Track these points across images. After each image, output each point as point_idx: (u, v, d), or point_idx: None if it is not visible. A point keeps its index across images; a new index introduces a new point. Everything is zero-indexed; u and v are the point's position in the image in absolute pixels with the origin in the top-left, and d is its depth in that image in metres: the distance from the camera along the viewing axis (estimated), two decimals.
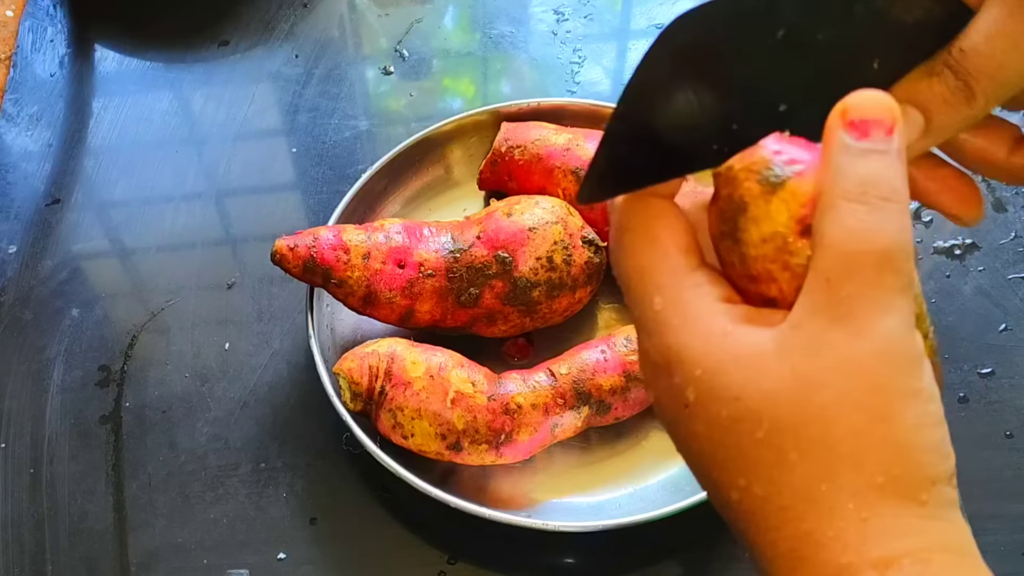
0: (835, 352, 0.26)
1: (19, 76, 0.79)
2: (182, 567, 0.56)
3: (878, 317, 0.26)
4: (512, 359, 0.62)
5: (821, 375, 0.26)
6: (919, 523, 0.25)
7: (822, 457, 0.26)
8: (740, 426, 0.27)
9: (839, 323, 0.26)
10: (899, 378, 0.26)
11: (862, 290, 0.26)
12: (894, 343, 0.26)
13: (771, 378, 0.27)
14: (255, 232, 0.71)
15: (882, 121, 0.26)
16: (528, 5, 0.86)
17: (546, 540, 0.56)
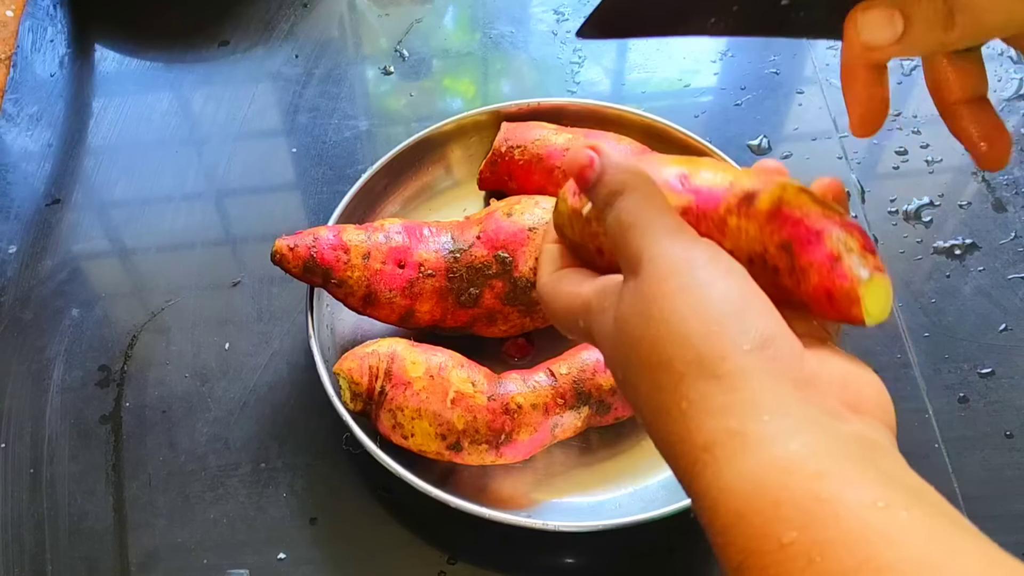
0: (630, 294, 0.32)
1: (19, 76, 0.79)
2: (182, 567, 0.56)
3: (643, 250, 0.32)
4: (512, 359, 0.62)
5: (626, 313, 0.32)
6: (725, 400, 0.28)
7: (645, 373, 0.31)
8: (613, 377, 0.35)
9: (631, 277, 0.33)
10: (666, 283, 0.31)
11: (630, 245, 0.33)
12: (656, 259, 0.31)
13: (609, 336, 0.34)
14: (255, 232, 0.71)
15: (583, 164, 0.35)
16: (528, 5, 0.86)
17: (546, 540, 0.56)
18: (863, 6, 0.32)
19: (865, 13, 0.32)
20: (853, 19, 0.32)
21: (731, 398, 0.28)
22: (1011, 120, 0.75)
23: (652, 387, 0.31)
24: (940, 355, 0.62)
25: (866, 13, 0.32)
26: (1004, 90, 0.77)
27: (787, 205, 0.33)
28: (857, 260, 0.31)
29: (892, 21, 0.31)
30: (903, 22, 0.31)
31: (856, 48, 0.32)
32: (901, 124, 0.75)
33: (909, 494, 0.26)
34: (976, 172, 0.72)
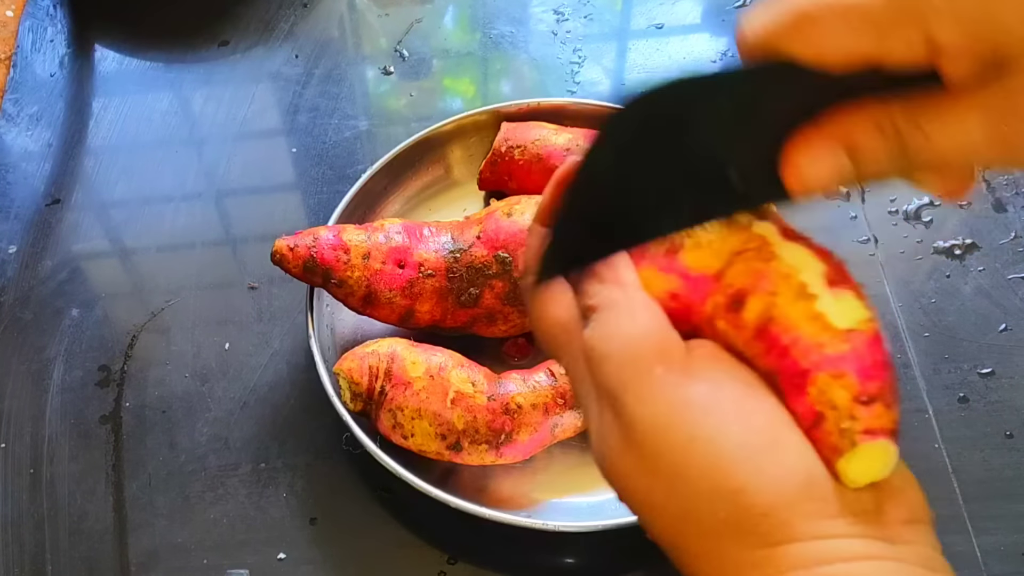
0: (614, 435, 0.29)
1: (19, 76, 0.79)
2: (182, 567, 0.56)
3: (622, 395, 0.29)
4: (512, 359, 0.62)
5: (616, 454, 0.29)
6: (768, 552, 0.26)
7: (661, 519, 0.29)
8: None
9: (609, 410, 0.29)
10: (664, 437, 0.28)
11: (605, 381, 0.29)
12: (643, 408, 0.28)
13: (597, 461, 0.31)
14: (255, 232, 0.71)
15: None
16: (528, 5, 0.86)
17: (546, 540, 0.56)
18: (802, 146, 0.27)
19: (807, 154, 0.27)
20: (793, 164, 0.28)
21: (773, 551, 0.26)
22: None
23: (675, 532, 0.28)
24: (940, 355, 0.62)
25: (808, 153, 0.27)
26: None
27: (775, 323, 0.29)
28: (843, 424, 0.27)
29: (839, 161, 0.27)
30: (850, 160, 0.27)
31: (799, 192, 0.28)
32: None
33: None
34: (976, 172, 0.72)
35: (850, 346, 0.28)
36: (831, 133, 0.27)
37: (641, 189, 0.30)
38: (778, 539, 0.26)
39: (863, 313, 0.29)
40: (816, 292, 0.29)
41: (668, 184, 0.30)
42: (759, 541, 0.26)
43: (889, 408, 0.27)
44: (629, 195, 0.30)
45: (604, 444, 0.30)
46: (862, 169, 0.27)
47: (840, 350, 0.28)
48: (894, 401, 0.28)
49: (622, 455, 0.29)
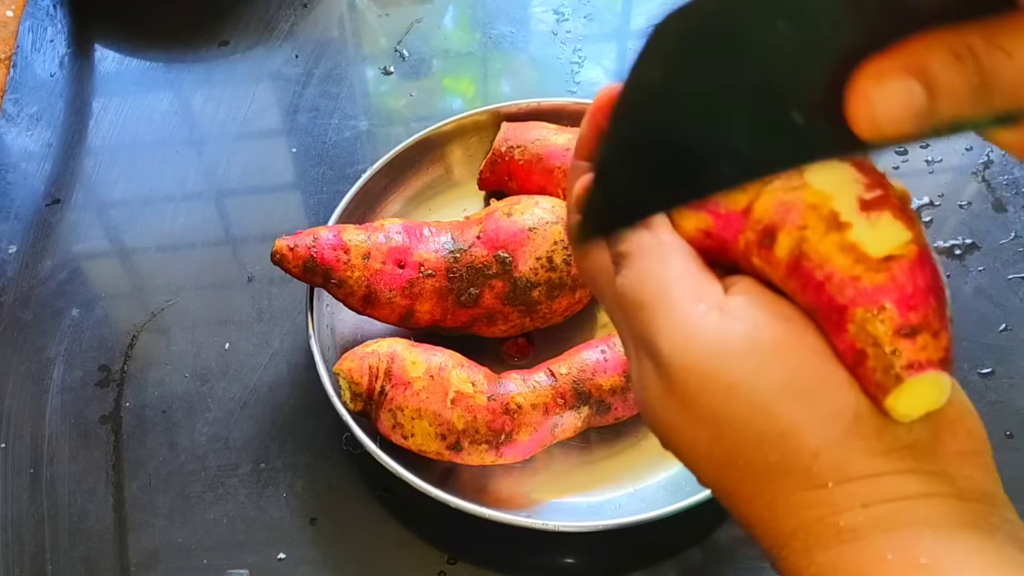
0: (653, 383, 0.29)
1: (19, 76, 0.79)
2: (182, 567, 0.56)
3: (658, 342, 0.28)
4: (512, 359, 0.62)
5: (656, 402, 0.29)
6: (820, 492, 0.26)
7: (708, 466, 0.28)
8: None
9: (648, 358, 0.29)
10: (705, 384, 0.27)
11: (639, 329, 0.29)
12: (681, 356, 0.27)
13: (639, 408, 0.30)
14: (255, 232, 0.71)
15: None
16: (528, 5, 0.86)
17: (546, 540, 0.56)
18: (869, 72, 0.24)
19: (878, 83, 0.24)
20: (861, 92, 0.24)
21: (826, 491, 0.25)
22: None
23: (723, 477, 0.28)
24: None
25: (879, 83, 0.24)
26: None
27: (807, 259, 0.27)
28: (885, 360, 0.26)
29: (912, 94, 0.24)
30: (924, 93, 0.23)
31: (865, 130, 0.24)
32: None
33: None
34: (976, 172, 0.72)
35: (888, 275, 0.26)
36: (904, 62, 0.23)
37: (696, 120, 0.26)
38: (830, 479, 0.25)
39: (902, 236, 0.26)
40: (848, 220, 0.27)
41: (724, 120, 0.26)
42: (811, 482, 0.26)
43: (936, 337, 0.26)
44: (679, 130, 0.27)
45: (645, 393, 0.29)
46: (939, 103, 0.24)
47: (877, 281, 0.26)
48: (942, 327, 0.26)
49: (664, 404, 0.28)
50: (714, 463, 0.28)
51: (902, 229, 0.27)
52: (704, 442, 0.27)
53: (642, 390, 0.29)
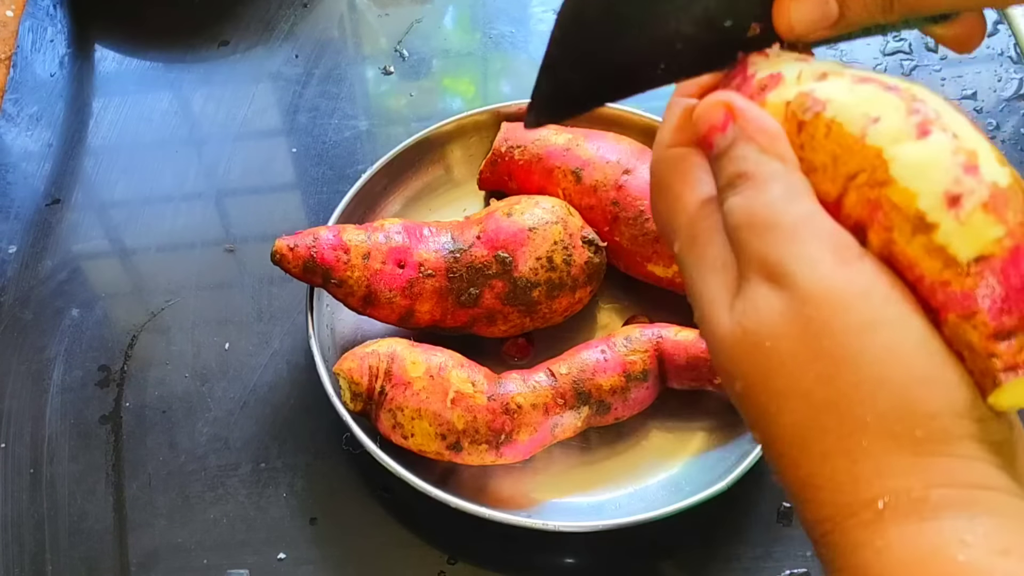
0: (771, 308, 0.27)
1: (19, 76, 0.79)
2: (182, 567, 0.56)
3: (794, 266, 0.27)
4: (512, 359, 0.62)
5: (767, 329, 0.27)
6: (914, 460, 0.25)
7: (801, 407, 0.26)
8: (725, 379, 0.29)
9: (766, 282, 0.27)
10: (842, 316, 0.26)
11: (770, 251, 0.27)
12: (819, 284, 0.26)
13: (728, 338, 0.28)
14: (255, 232, 0.71)
15: (714, 125, 0.30)
16: (528, 5, 0.86)
17: (546, 540, 0.56)
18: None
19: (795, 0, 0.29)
20: (783, 7, 0.29)
21: (923, 460, 0.25)
22: (1011, 120, 0.75)
23: (807, 423, 0.26)
24: None
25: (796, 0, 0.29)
26: (1004, 90, 0.77)
27: (897, 261, 0.27)
28: (981, 364, 0.25)
29: (827, 4, 0.29)
30: (838, 5, 0.28)
31: (786, 35, 0.30)
32: None
33: None
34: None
35: (978, 279, 0.25)
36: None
37: (631, 27, 0.30)
38: (932, 449, 0.25)
39: (993, 232, 0.25)
40: (935, 220, 0.26)
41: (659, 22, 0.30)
42: (912, 446, 0.25)
43: None
44: (619, 34, 0.31)
45: (747, 318, 0.28)
46: (849, 12, 0.28)
47: (966, 287, 0.25)
48: None
49: (780, 330, 0.27)
50: (810, 407, 0.26)
51: (993, 224, 0.25)
52: (810, 380, 0.26)
53: (743, 315, 0.28)
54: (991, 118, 0.75)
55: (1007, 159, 0.27)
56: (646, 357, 0.56)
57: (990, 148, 0.27)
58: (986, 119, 0.75)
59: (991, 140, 0.28)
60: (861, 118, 0.27)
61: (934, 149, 0.26)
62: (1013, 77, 0.78)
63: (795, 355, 0.26)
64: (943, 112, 0.27)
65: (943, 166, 0.26)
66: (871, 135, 0.27)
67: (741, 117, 0.29)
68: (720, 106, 0.29)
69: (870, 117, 0.27)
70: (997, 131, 0.74)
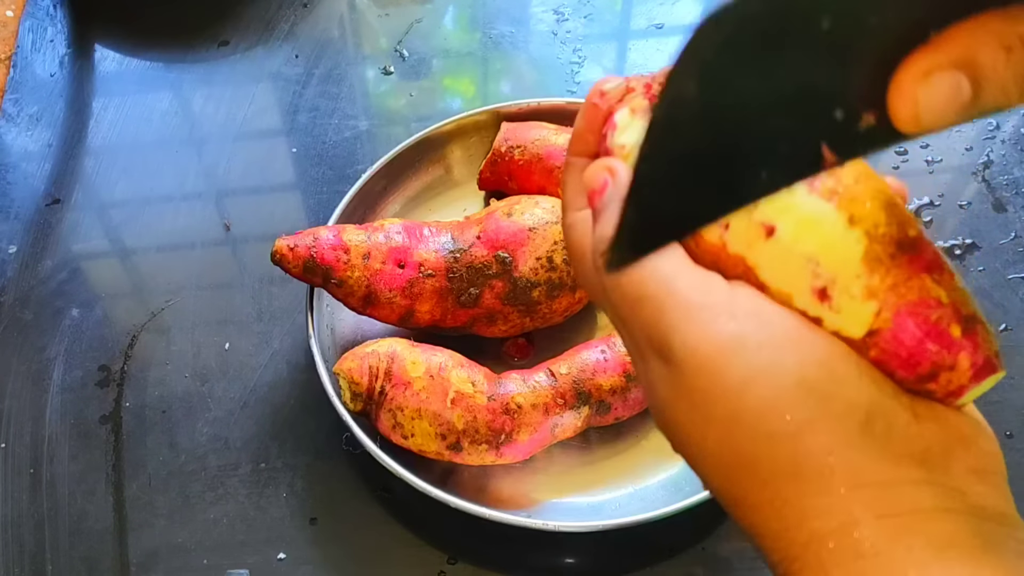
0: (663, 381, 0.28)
1: (19, 76, 0.79)
2: (182, 567, 0.56)
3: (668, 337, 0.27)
4: (512, 359, 0.62)
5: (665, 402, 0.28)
6: (832, 500, 0.25)
7: (716, 468, 0.27)
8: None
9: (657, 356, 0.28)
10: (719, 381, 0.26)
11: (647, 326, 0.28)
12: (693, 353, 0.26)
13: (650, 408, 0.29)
14: (255, 232, 0.71)
15: (594, 189, 0.29)
16: (528, 5, 0.86)
17: (546, 540, 0.56)
18: (915, 70, 0.23)
19: (926, 81, 0.23)
20: (906, 91, 0.23)
21: (838, 498, 0.24)
22: (1011, 120, 0.75)
23: (732, 482, 0.27)
24: None
25: (927, 81, 0.23)
26: None
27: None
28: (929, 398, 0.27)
29: (959, 88, 0.23)
30: (971, 88, 0.23)
31: (908, 126, 0.24)
32: None
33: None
34: (976, 172, 0.72)
35: (878, 350, 0.27)
36: (950, 55, 0.23)
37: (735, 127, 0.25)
38: (843, 483, 0.24)
39: (868, 311, 0.26)
40: (817, 315, 0.27)
41: (763, 122, 0.25)
42: (823, 486, 0.25)
43: (954, 367, 0.26)
44: (718, 137, 0.26)
45: (653, 391, 0.28)
46: (985, 95, 0.23)
47: (872, 356, 0.27)
48: (959, 348, 0.26)
49: (674, 402, 0.27)
50: (723, 465, 0.26)
51: (863, 304, 0.27)
52: (714, 443, 0.26)
53: (650, 389, 0.28)
54: (991, 118, 0.75)
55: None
56: None
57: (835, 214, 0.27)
58: (986, 119, 0.75)
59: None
60: (715, 226, 0.28)
61: (783, 247, 0.27)
62: None
63: (693, 423, 0.27)
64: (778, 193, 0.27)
65: (799, 264, 0.27)
66: (730, 243, 0.28)
67: (617, 179, 0.29)
68: (602, 168, 0.29)
69: (721, 224, 0.28)
70: (997, 131, 0.74)
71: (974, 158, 0.73)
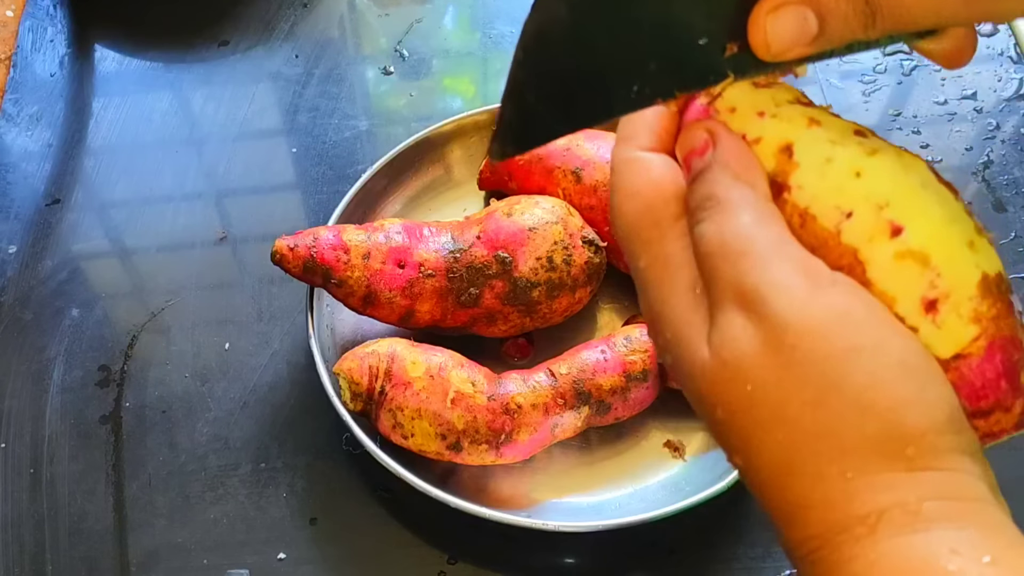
0: (750, 338, 0.27)
1: (19, 76, 0.79)
2: (182, 567, 0.56)
3: (770, 294, 0.27)
4: (512, 359, 0.62)
5: (749, 359, 0.27)
6: (906, 476, 0.25)
7: (790, 433, 0.27)
8: (702, 406, 0.29)
9: (742, 311, 0.27)
10: (823, 344, 0.26)
11: (743, 279, 0.27)
12: (797, 311, 0.26)
13: (707, 368, 0.28)
14: (255, 232, 0.71)
15: (694, 149, 0.30)
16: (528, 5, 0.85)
17: (546, 540, 0.56)
18: (767, 4, 0.27)
19: (773, 13, 0.27)
20: (758, 22, 0.27)
21: (914, 476, 0.25)
22: (1011, 120, 0.75)
23: (796, 449, 0.27)
24: None
25: (775, 13, 0.27)
26: (1004, 90, 0.77)
27: None
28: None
29: (805, 21, 0.27)
30: (817, 21, 0.27)
31: (763, 54, 0.28)
32: (901, 124, 0.75)
33: None
34: (976, 172, 0.72)
35: (956, 374, 0.27)
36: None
37: (600, 47, 0.28)
38: (922, 464, 0.25)
39: (967, 334, 0.27)
40: (915, 324, 0.27)
41: (631, 41, 0.28)
42: (904, 463, 0.25)
43: (1009, 410, 0.28)
44: (587, 55, 0.28)
45: (726, 348, 0.27)
46: (829, 28, 0.27)
47: (948, 378, 0.27)
48: (1017, 396, 0.28)
49: (759, 360, 0.27)
50: (800, 430, 0.26)
51: (967, 325, 0.27)
52: (796, 407, 0.26)
53: (723, 344, 0.27)
54: (991, 118, 0.75)
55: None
56: (646, 357, 0.56)
57: (961, 233, 0.28)
58: (986, 119, 0.75)
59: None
60: (834, 211, 0.28)
61: (906, 250, 0.28)
62: (1013, 77, 0.78)
63: (780, 384, 0.27)
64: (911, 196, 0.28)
65: (917, 270, 0.27)
66: (846, 232, 0.28)
67: (720, 142, 0.29)
68: (702, 130, 0.30)
69: (843, 212, 0.28)
70: (997, 131, 0.74)
71: (974, 158, 0.73)
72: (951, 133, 0.74)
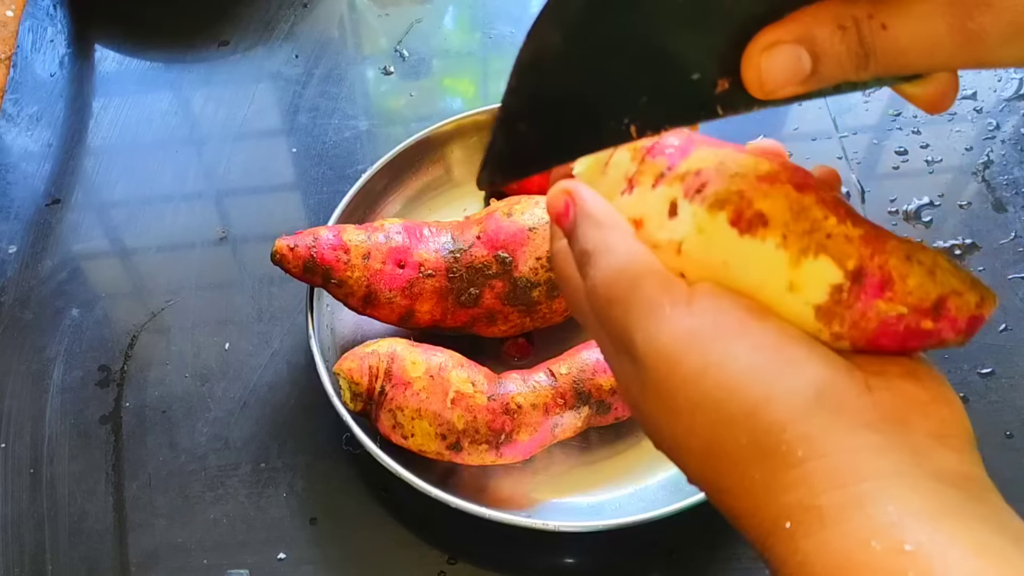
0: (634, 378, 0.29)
1: (19, 76, 0.79)
2: (182, 567, 0.56)
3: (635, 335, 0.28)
4: (512, 359, 0.62)
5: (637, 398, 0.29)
6: (795, 473, 0.25)
7: (689, 457, 0.28)
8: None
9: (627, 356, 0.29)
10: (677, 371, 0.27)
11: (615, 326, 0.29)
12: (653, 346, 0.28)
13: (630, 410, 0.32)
14: (255, 232, 0.71)
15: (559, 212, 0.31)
16: (528, 5, 0.86)
17: (546, 540, 0.56)
18: (761, 42, 0.27)
19: (768, 51, 0.27)
20: (752, 60, 0.27)
21: (799, 471, 0.25)
22: (1011, 120, 0.75)
23: (704, 469, 0.28)
24: (940, 355, 0.62)
25: (769, 51, 0.27)
26: (1004, 90, 0.77)
27: None
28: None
29: (799, 60, 0.27)
30: (811, 61, 0.27)
31: (755, 91, 0.28)
32: (901, 124, 0.75)
33: (1013, 546, 0.23)
34: (976, 172, 0.72)
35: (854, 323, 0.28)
36: (791, 29, 0.27)
37: (593, 78, 0.28)
38: (802, 457, 0.25)
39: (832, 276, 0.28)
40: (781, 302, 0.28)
41: (624, 75, 0.28)
42: (784, 462, 0.26)
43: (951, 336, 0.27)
44: (580, 85, 0.28)
45: (628, 393, 0.30)
46: (822, 68, 0.27)
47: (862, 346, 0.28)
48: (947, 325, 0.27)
49: (644, 399, 0.29)
50: (695, 455, 0.28)
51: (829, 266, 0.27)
52: (683, 433, 0.28)
53: (626, 390, 0.30)
54: (991, 118, 0.75)
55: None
56: None
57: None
58: (986, 119, 0.75)
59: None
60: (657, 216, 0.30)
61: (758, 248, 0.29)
62: (1013, 77, 0.78)
63: (663, 416, 0.28)
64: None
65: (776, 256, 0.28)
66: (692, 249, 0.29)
67: (577, 200, 0.31)
68: (561, 193, 0.31)
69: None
70: (997, 131, 0.74)
71: (974, 158, 0.73)
72: (951, 133, 0.74)
